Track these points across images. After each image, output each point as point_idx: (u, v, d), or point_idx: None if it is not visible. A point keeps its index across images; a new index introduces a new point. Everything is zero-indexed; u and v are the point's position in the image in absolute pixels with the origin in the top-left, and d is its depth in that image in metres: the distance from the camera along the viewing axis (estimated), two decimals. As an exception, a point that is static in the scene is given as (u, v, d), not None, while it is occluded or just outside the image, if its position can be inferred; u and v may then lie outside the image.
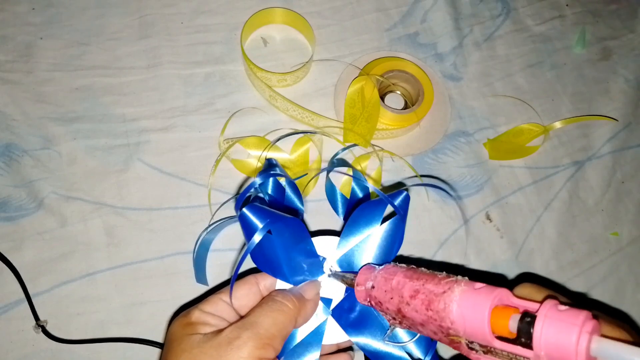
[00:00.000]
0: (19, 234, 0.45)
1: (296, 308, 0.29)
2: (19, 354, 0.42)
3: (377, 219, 0.32)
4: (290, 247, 0.31)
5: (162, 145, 0.50)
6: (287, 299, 0.29)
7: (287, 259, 0.31)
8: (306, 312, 0.30)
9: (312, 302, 0.30)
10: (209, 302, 0.30)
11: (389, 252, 0.32)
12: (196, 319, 0.28)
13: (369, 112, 0.50)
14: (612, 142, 0.56)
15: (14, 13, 0.53)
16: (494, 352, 0.23)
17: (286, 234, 0.31)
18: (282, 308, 0.28)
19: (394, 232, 0.32)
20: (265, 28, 0.56)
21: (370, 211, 0.32)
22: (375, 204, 0.32)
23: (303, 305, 0.30)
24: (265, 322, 0.27)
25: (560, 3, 0.63)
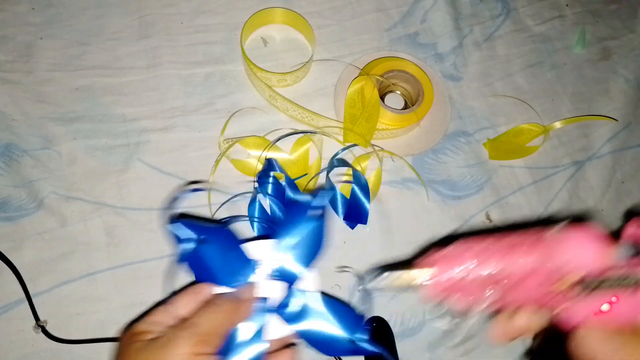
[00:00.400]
0: (19, 234, 0.45)
1: (231, 308, 0.31)
2: (19, 354, 0.42)
3: (306, 219, 0.34)
4: (224, 254, 0.33)
5: (162, 145, 0.50)
6: (223, 301, 0.31)
7: (222, 266, 0.33)
8: (243, 310, 0.32)
9: (248, 302, 0.32)
10: (152, 313, 0.32)
11: (318, 248, 0.35)
12: (140, 329, 0.30)
13: (369, 112, 0.50)
14: (612, 142, 0.56)
15: (14, 13, 0.53)
16: (605, 283, 0.24)
17: (218, 243, 0.33)
18: (217, 308, 0.30)
19: (320, 229, 0.35)
20: (265, 28, 0.56)
21: (299, 212, 0.35)
22: (302, 205, 0.35)
23: (239, 305, 0.32)
24: (201, 321, 0.29)
25: (560, 3, 0.63)
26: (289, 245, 0.34)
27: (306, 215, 0.34)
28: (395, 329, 0.46)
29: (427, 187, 0.51)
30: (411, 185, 0.51)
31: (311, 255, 0.34)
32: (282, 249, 0.34)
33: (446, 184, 0.52)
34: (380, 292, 0.44)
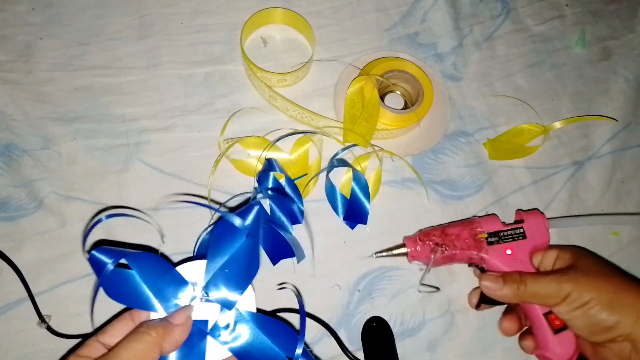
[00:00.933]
0: (19, 234, 0.45)
1: (159, 335, 0.30)
2: (19, 354, 0.42)
3: (236, 237, 0.34)
4: (155, 278, 0.33)
5: (162, 145, 0.50)
6: (151, 328, 0.30)
7: (154, 291, 0.32)
8: (173, 337, 0.31)
9: (180, 327, 0.31)
10: (85, 346, 0.31)
11: (252, 267, 0.34)
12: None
13: (368, 112, 0.50)
14: (612, 142, 0.56)
15: (14, 13, 0.53)
16: (503, 238, 0.45)
17: (146, 267, 0.33)
18: (142, 338, 0.29)
19: (253, 247, 0.34)
20: (265, 28, 0.56)
21: (229, 230, 0.34)
22: (230, 224, 0.34)
23: (169, 331, 0.31)
24: (124, 353, 0.28)
25: (560, 3, 0.63)
26: (219, 265, 0.33)
27: (235, 232, 0.34)
28: (395, 329, 0.46)
29: (427, 187, 0.51)
30: (411, 185, 0.51)
31: (244, 274, 0.34)
32: (214, 269, 0.33)
33: (446, 184, 0.52)
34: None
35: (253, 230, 0.34)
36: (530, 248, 0.44)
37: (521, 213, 0.47)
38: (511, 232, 0.45)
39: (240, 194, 0.48)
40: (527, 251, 0.44)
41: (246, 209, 0.35)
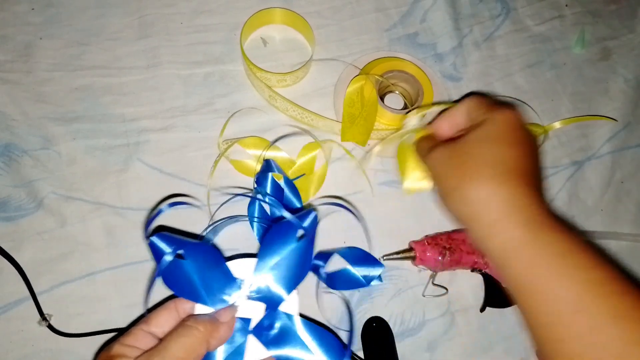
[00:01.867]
0: (19, 234, 0.45)
1: (207, 331, 0.30)
2: (19, 354, 0.42)
3: (290, 239, 0.33)
4: (206, 271, 0.32)
5: (162, 145, 0.50)
6: (198, 323, 0.30)
7: (203, 283, 0.32)
8: (219, 334, 0.31)
9: (226, 325, 0.31)
10: (129, 334, 0.31)
11: (302, 270, 0.34)
12: (115, 352, 0.30)
13: (367, 112, 0.50)
14: (612, 142, 0.56)
15: (14, 13, 0.53)
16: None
17: (200, 259, 0.32)
18: (191, 332, 0.29)
19: (305, 251, 0.34)
20: (264, 28, 0.56)
21: (283, 232, 0.34)
22: (287, 225, 0.34)
23: (216, 328, 0.31)
24: (173, 347, 0.28)
25: (560, 3, 0.63)
26: (270, 266, 0.33)
27: (290, 234, 0.33)
28: (395, 329, 0.46)
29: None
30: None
31: (294, 277, 0.33)
32: (263, 269, 0.33)
33: (446, 184, 0.52)
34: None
35: (309, 235, 0.34)
36: None
37: None
38: None
39: (239, 194, 0.48)
40: None
41: (304, 214, 0.35)
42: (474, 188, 0.32)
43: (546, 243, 0.30)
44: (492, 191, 0.31)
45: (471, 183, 0.32)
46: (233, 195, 0.48)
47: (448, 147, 0.35)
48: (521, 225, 0.30)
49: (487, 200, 0.31)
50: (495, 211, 0.31)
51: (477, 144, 0.34)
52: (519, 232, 0.30)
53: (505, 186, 0.31)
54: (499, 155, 0.33)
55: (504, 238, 0.31)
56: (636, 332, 0.27)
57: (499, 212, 0.31)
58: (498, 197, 0.31)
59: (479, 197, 0.32)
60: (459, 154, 0.34)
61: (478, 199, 0.32)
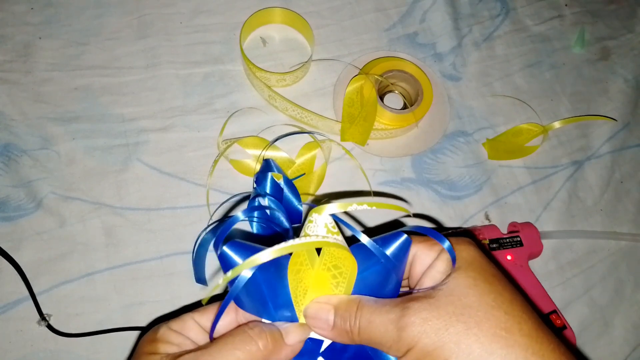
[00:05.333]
0: (18, 234, 0.45)
1: (267, 350, 0.25)
2: (18, 354, 0.42)
3: (373, 259, 0.28)
4: (276, 282, 0.28)
5: (161, 145, 0.50)
6: (261, 337, 0.26)
7: (272, 296, 0.28)
8: (280, 356, 0.26)
9: (290, 349, 0.27)
10: (179, 320, 0.29)
11: (381, 291, 0.29)
12: (161, 336, 0.27)
13: (366, 111, 0.50)
14: (611, 142, 0.57)
15: (13, 13, 0.53)
16: (503, 244, 0.47)
17: (271, 268, 0.28)
18: (249, 347, 0.25)
19: (387, 275, 0.28)
20: (264, 28, 0.56)
21: (364, 253, 0.28)
22: (366, 250, 0.28)
23: (278, 349, 0.26)
24: (224, 357, 0.25)
25: (559, 3, 0.63)
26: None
27: (369, 255, 0.28)
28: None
29: (426, 187, 0.51)
30: (410, 185, 0.51)
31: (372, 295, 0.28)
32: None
33: (445, 184, 0.52)
34: None
35: (393, 261, 0.28)
36: (528, 255, 0.47)
37: (515, 224, 0.49)
38: (510, 239, 0.47)
39: (239, 194, 0.48)
40: (525, 257, 0.47)
41: (391, 237, 0.28)
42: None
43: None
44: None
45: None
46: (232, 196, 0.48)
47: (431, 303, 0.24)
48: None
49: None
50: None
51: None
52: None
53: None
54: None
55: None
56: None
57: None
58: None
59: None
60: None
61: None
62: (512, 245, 0.47)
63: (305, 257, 0.28)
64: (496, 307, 0.24)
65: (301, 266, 0.28)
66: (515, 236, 0.47)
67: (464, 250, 0.27)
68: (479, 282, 0.25)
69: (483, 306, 0.24)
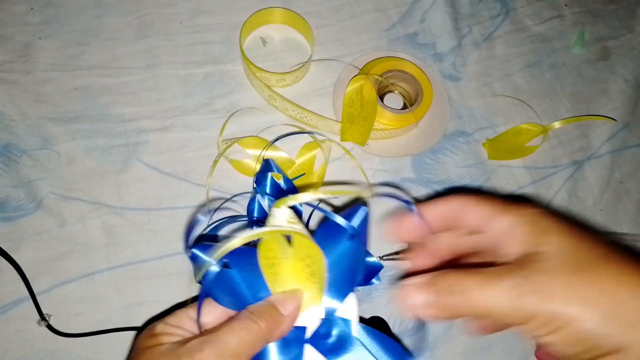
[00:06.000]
0: (18, 234, 0.45)
1: (268, 328, 0.27)
2: (18, 354, 0.42)
3: (340, 241, 0.30)
4: (255, 278, 0.30)
5: (161, 145, 0.50)
6: (262, 318, 0.28)
7: (253, 292, 0.29)
8: (281, 329, 0.28)
9: (288, 318, 0.29)
10: (174, 315, 0.30)
11: (356, 272, 0.31)
12: (160, 331, 0.28)
13: (366, 111, 0.50)
14: (611, 142, 0.57)
15: (13, 13, 0.53)
16: None
17: (247, 266, 0.29)
18: (252, 327, 0.27)
19: (357, 252, 0.31)
20: (264, 28, 0.56)
21: (332, 234, 0.30)
22: (335, 226, 0.30)
23: (278, 323, 0.28)
24: (231, 340, 0.26)
25: (559, 3, 0.63)
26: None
27: (339, 236, 0.30)
28: (395, 329, 0.46)
29: (426, 187, 0.51)
30: (410, 185, 0.51)
31: (348, 280, 0.31)
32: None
33: (445, 184, 0.52)
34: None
35: (359, 234, 0.30)
36: None
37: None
38: None
39: (239, 194, 0.48)
40: None
41: (352, 211, 0.31)
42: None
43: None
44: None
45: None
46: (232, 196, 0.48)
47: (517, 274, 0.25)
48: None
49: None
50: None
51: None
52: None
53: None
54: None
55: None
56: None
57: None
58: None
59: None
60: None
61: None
62: None
63: (277, 252, 0.29)
64: (603, 256, 0.24)
65: (275, 260, 0.30)
66: None
67: (545, 220, 0.26)
68: (572, 246, 0.25)
69: (593, 260, 0.24)
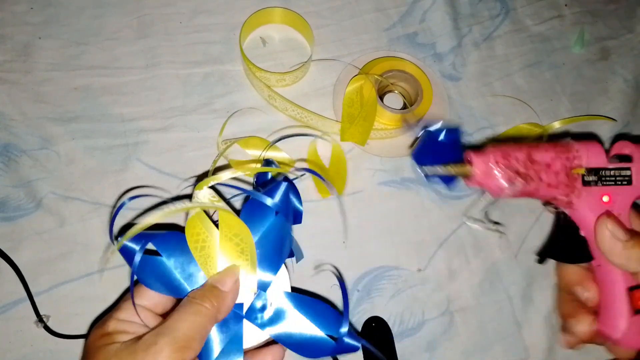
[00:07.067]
0: (18, 234, 0.45)
1: (214, 307, 0.29)
2: (18, 354, 0.42)
3: (266, 216, 0.32)
4: (184, 262, 0.31)
5: (161, 145, 0.50)
6: (205, 299, 0.29)
7: (185, 276, 0.31)
8: (226, 305, 0.30)
9: (230, 294, 0.30)
10: (122, 309, 0.30)
11: (284, 245, 0.33)
12: (113, 329, 0.29)
13: (366, 111, 0.50)
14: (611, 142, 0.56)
15: (13, 13, 0.53)
16: (604, 179, 0.34)
17: (174, 250, 0.31)
18: (199, 310, 0.28)
19: (283, 225, 0.33)
20: (264, 28, 0.56)
21: (256, 210, 0.32)
22: (258, 203, 0.33)
23: (222, 300, 0.29)
24: (182, 326, 0.27)
25: (559, 3, 0.63)
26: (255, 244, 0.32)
27: (264, 212, 0.32)
28: (395, 329, 0.46)
29: (426, 188, 0.51)
30: (410, 185, 0.51)
31: (277, 253, 0.32)
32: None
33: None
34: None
35: (283, 208, 0.33)
36: (634, 199, 0.35)
37: (629, 145, 0.36)
38: (615, 172, 0.35)
39: (239, 194, 0.48)
40: (629, 203, 0.35)
41: (273, 187, 0.33)
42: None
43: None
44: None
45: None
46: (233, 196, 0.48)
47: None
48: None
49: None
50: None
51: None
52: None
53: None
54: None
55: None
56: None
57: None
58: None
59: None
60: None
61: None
62: (616, 181, 0.35)
63: (205, 234, 0.31)
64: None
65: (204, 243, 0.31)
66: (624, 168, 0.35)
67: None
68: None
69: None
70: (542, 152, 0.34)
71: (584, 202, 0.34)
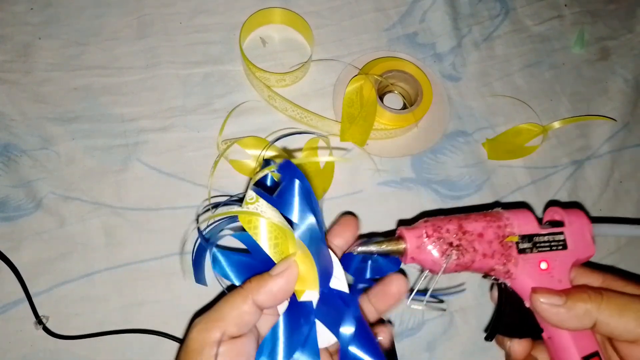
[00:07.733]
0: (18, 234, 0.45)
1: (251, 288, 0.28)
2: (18, 354, 0.42)
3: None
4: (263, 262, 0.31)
5: (161, 145, 0.50)
6: (245, 282, 0.29)
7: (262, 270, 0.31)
8: (267, 288, 0.28)
9: (277, 278, 0.28)
10: (228, 320, 0.29)
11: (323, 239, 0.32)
12: (215, 339, 0.28)
13: (366, 111, 0.50)
14: (611, 142, 0.57)
15: (13, 13, 0.53)
16: (538, 245, 0.33)
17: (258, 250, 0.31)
18: (236, 290, 0.28)
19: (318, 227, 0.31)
20: (264, 28, 0.56)
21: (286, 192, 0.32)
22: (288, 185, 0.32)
23: (262, 282, 0.28)
24: (217, 305, 0.28)
25: (559, 3, 0.63)
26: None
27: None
28: (394, 329, 0.46)
29: (426, 187, 0.51)
30: (410, 185, 0.51)
31: (327, 257, 0.32)
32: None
33: (445, 184, 0.52)
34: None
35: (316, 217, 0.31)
36: (571, 263, 0.34)
37: (559, 211, 0.35)
38: (549, 237, 0.34)
39: (238, 194, 0.48)
40: (567, 267, 0.34)
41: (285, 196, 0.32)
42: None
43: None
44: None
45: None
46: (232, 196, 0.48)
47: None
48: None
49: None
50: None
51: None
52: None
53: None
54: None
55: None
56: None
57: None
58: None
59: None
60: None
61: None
62: (551, 246, 0.34)
63: (279, 232, 0.31)
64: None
65: (277, 240, 0.31)
66: (557, 232, 0.34)
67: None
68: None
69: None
70: (472, 222, 0.33)
71: (522, 271, 0.33)
